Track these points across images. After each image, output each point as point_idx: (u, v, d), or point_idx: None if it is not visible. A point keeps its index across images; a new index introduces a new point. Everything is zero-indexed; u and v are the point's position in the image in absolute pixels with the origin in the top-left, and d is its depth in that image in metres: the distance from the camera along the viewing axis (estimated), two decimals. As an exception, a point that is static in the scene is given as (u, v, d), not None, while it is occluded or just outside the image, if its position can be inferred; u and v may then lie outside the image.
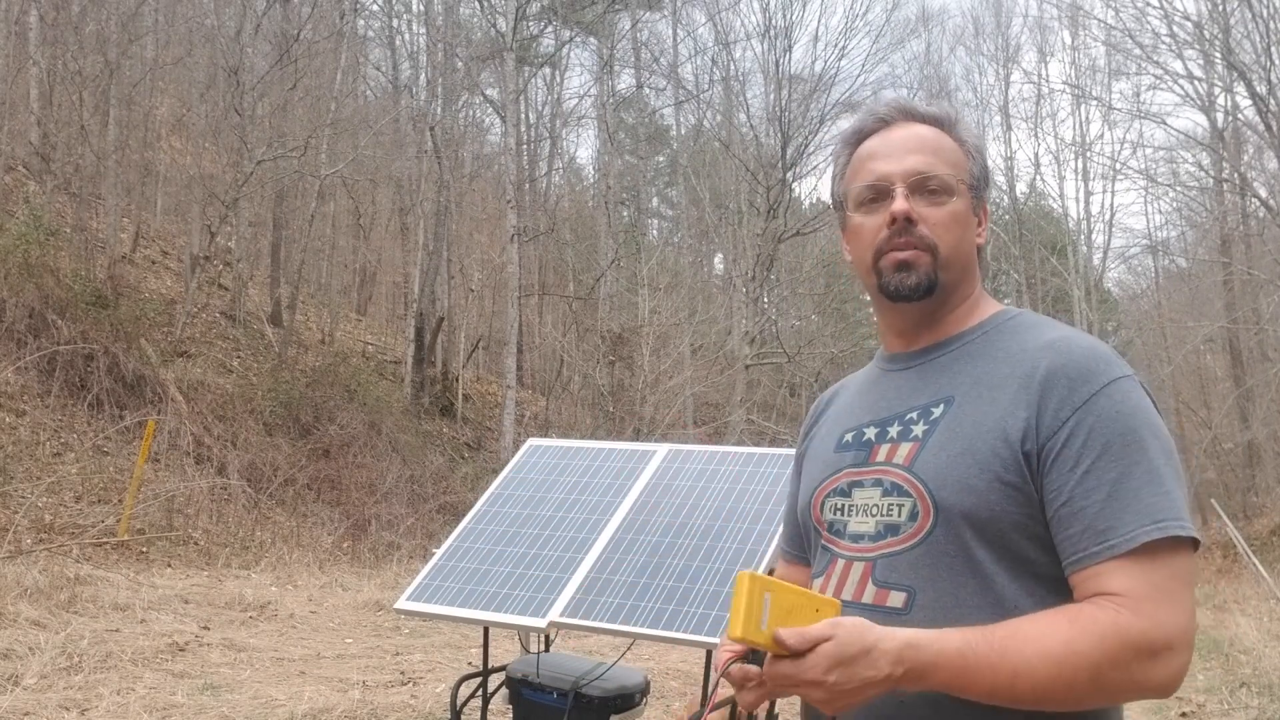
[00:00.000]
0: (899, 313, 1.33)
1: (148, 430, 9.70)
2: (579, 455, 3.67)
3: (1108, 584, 1.11)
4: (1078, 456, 1.14)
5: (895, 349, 1.38)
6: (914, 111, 1.34)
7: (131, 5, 15.31)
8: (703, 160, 26.23)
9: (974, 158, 1.34)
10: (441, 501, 13.73)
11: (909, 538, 1.21)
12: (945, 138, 1.33)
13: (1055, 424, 1.16)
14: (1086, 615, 1.09)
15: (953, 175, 1.29)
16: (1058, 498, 1.15)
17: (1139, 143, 42.98)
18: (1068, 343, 1.22)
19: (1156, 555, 1.10)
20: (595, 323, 20.11)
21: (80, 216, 13.78)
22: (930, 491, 1.20)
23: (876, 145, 1.33)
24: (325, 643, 6.86)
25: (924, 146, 1.30)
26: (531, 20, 21.70)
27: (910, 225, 1.27)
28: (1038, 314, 1.35)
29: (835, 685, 1.05)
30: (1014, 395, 1.20)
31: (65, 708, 4.73)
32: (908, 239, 1.27)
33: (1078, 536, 1.13)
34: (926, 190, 1.28)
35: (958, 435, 1.21)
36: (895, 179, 1.28)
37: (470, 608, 3.06)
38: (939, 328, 1.33)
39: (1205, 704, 6.02)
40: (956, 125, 1.35)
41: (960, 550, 1.18)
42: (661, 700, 5.69)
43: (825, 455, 1.37)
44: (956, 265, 1.30)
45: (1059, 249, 27.48)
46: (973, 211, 1.33)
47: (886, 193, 1.29)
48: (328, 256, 22.23)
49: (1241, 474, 21.61)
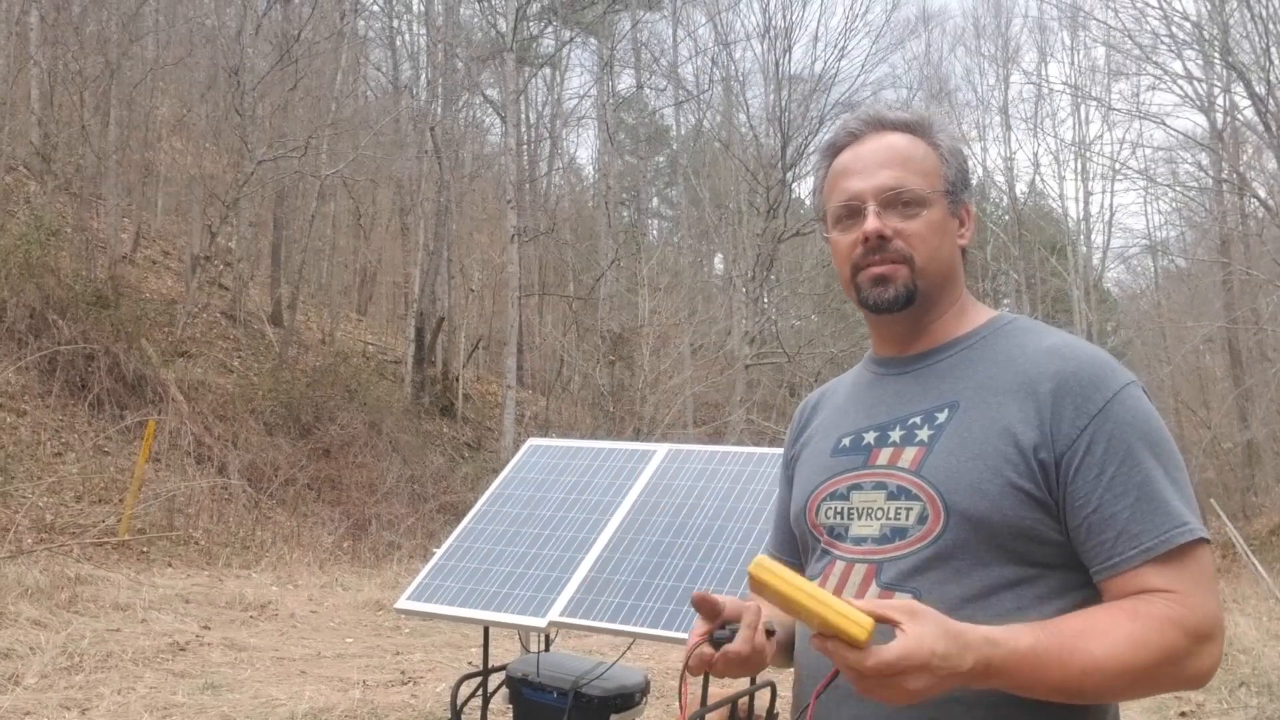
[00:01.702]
0: (885, 324, 1.35)
1: (148, 430, 9.71)
2: (579, 455, 3.67)
3: (1150, 584, 1.14)
4: (1101, 464, 1.16)
5: (887, 354, 1.38)
6: (884, 120, 1.35)
7: (132, 6, 15.31)
8: (703, 160, 26.24)
9: (949, 161, 1.34)
10: (442, 501, 13.74)
11: (918, 541, 1.21)
12: (919, 144, 1.33)
13: (1073, 433, 1.18)
14: (1143, 610, 1.12)
15: (924, 186, 1.30)
16: (1086, 505, 1.16)
17: (1138, 143, 42.94)
18: (1071, 349, 1.23)
19: (1186, 555, 1.14)
20: (595, 323, 20.12)
21: (81, 217, 13.79)
22: (942, 495, 1.20)
23: (848, 160, 1.34)
24: (326, 642, 6.87)
25: (894, 159, 1.30)
26: (531, 21, 21.71)
27: (884, 242, 1.28)
28: (1031, 319, 1.36)
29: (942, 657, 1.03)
30: (1021, 402, 1.21)
31: (66, 707, 4.74)
32: (882, 255, 1.28)
33: (1112, 542, 1.15)
34: (899, 204, 1.29)
35: (968, 440, 1.22)
36: (867, 196, 1.29)
37: (470, 607, 3.07)
38: (930, 334, 1.34)
39: (1204, 703, 6.03)
40: (930, 129, 1.35)
41: (969, 554, 1.19)
42: (661, 700, 5.69)
43: (821, 460, 1.37)
44: (935, 273, 1.30)
45: (1058, 249, 27.48)
46: (951, 215, 1.33)
47: (859, 211, 1.30)
48: (328, 256, 22.24)
49: (1241, 474, 21.61)
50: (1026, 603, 1.17)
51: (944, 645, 1.03)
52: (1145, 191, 29.65)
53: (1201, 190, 22.64)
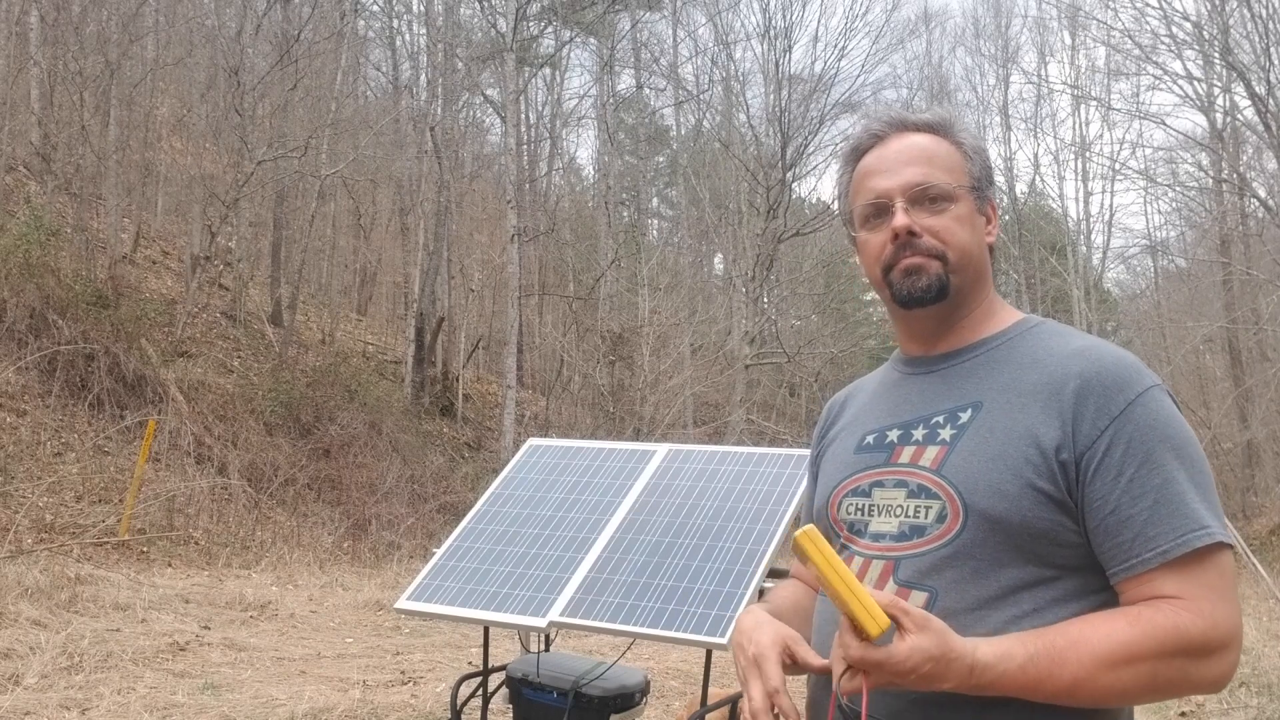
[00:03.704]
0: (915, 319, 1.34)
1: (148, 430, 9.71)
2: (579, 455, 3.67)
3: (1163, 588, 1.13)
4: (1120, 465, 1.16)
5: (914, 353, 1.38)
6: (907, 122, 1.35)
7: (132, 6, 15.32)
8: (703, 160, 26.24)
9: (973, 158, 1.34)
10: (442, 501, 13.74)
11: (936, 539, 1.21)
12: (942, 143, 1.33)
13: (1093, 433, 1.17)
14: (1145, 618, 1.12)
15: (951, 181, 1.30)
16: (1104, 506, 1.16)
17: (1138, 143, 43.11)
18: (1097, 351, 1.23)
19: (1205, 559, 1.14)
20: (595, 323, 20.13)
21: (81, 217, 13.79)
22: (961, 495, 1.20)
23: (873, 161, 1.34)
24: (325, 642, 6.87)
25: (919, 157, 1.31)
26: (531, 21, 21.69)
27: (913, 238, 1.28)
28: (1061, 323, 1.36)
29: (922, 675, 1.08)
30: (1045, 403, 1.21)
31: (66, 707, 4.74)
32: (912, 251, 1.29)
33: (1129, 544, 1.15)
34: (927, 200, 1.29)
35: (989, 441, 1.22)
36: (894, 194, 1.30)
37: (470, 607, 3.06)
38: (958, 332, 1.34)
39: (1204, 704, 6.03)
40: (952, 128, 1.35)
41: (987, 554, 1.19)
42: (661, 700, 5.70)
43: (844, 456, 1.38)
44: (968, 267, 1.31)
45: (1058, 249, 27.50)
46: (978, 211, 1.33)
47: (887, 209, 1.30)
48: (328, 256, 22.25)
49: (1241, 474, 21.61)
50: (1044, 604, 1.17)
51: (928, 668, 1.07)
52: (1145, 192, 29.70)
53: (1201, 190, 22.66)
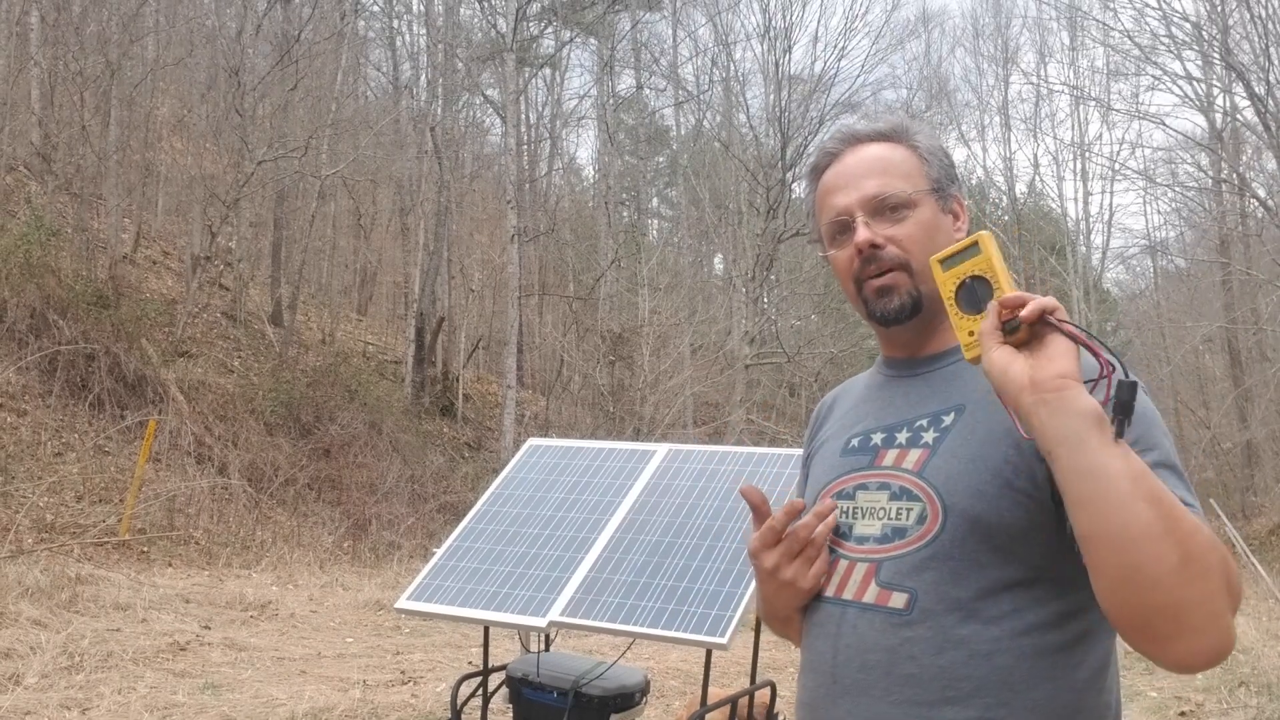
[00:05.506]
0: (895, 333, 1.36)
1: (149, 430, 9.71)
2: (579, 455, 3.68)
3: None
4: None
5: (898, 355, 1.40)
6: (860, 134, 1.37)
7: (133, 6, 15.32)
8: (703, 160, 26.24)
9: (929, 159, 1.35)
10: (442, 501, 13.74)
11: (915, 540, 1.22)
12: (897, 149, 1.35)
13: None
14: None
15: (908, 187, 1.31)
16: None
17: (1138, 143, 43.06)
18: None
19: None
20: (595, 323, 20.14)
21: (81, 217, 13.79)
22: (941, 496, 1.21)
23: (831, 178, 1.36)
24: (326, 642, 6.88)
25: (875, 168, 1.33)
26: (531, 21, 21.71)
27: (877, 250, 1.30)
28: None
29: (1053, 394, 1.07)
30: None
31: (66, 707, 4.75)
32: (878, 264, 1.30)
33: None
34: (887, 210, 1.31)
35: (969, 442, 1.23)
36: (854, 209, 1.31)
37: (470, 607, 3.07)
38: (939, 337, 1.35)
39: (1204, 703, 6.04)
40: (906, 132, 1.36)
41: (966, 554, 1.19)
42: (661, 700, 5.70)
43: (831, 459, 1.39)
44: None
45: (1058, 249, 27.50)
46: (942, 211, 1.34)
47: (849, 225, 1.32)
48: (328, 256, 22.26)
49: (1240, 474, 21.62)
50: (1024, 604, 1.17)
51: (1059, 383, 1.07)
52: (1145, 192, 29.73)
53: (1201, 190, 22.66)
